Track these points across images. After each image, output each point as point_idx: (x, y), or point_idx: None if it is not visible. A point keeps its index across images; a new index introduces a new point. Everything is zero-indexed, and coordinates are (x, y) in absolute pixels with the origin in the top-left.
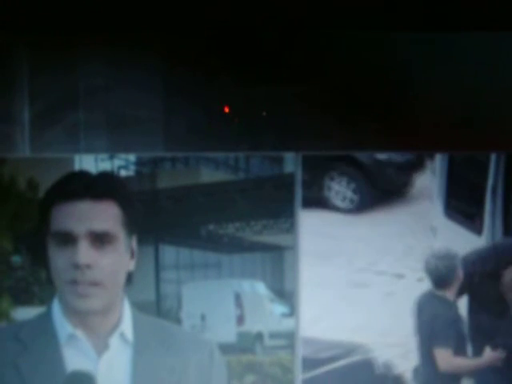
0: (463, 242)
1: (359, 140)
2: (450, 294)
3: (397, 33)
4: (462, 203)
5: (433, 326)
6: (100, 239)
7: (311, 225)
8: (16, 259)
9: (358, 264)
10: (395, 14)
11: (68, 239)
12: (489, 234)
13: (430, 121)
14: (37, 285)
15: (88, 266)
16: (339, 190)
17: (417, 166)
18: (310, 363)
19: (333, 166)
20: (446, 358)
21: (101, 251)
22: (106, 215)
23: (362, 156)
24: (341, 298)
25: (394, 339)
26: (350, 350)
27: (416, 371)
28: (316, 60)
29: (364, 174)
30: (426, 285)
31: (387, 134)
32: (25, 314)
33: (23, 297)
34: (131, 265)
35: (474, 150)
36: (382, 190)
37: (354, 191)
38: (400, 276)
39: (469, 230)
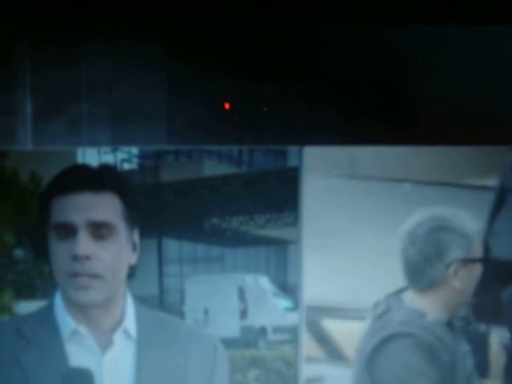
0: None
1: (362, 134)
2: None
3: (397, 26)
4: None
5: None
6: (100, 230)
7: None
8: (18, 253)
9: None
10: (395, 8)
11: (68, 231)
12: None
13: (432, 114)
14: (39, 278)
15: (87, 258)
16: None
17: None
18: None
19: None
20: None
21: (101, 243)
22: (105, 206)
23: None
24: None
25: None
26: None
27: None
28: (317, 55)
29: None
30: None
31: (390, 128)
32: (27, 307)
33: (26, 290)
34: (133, 258)
35: (475, 144)
36: None
37: None
38: None
39: None
